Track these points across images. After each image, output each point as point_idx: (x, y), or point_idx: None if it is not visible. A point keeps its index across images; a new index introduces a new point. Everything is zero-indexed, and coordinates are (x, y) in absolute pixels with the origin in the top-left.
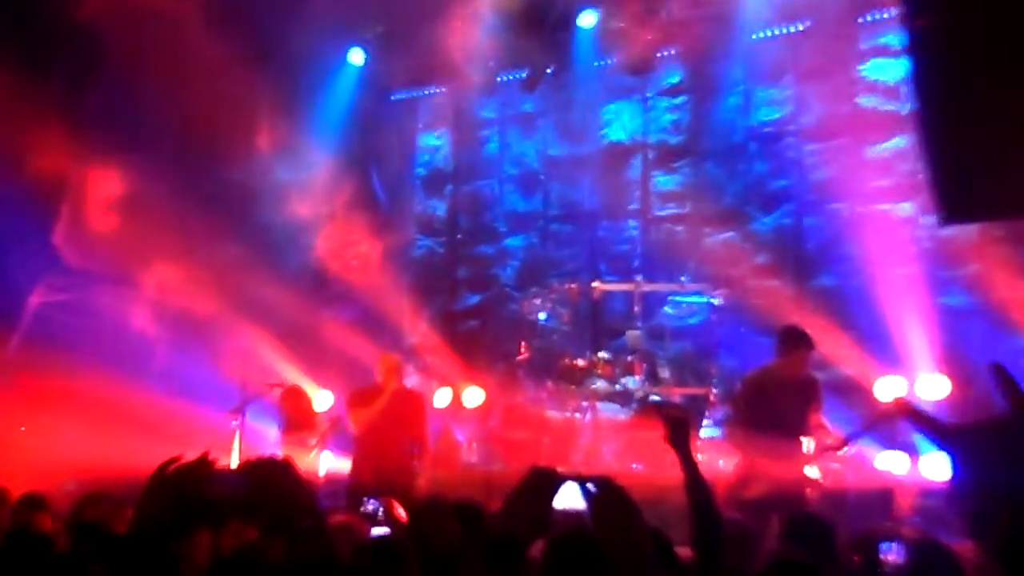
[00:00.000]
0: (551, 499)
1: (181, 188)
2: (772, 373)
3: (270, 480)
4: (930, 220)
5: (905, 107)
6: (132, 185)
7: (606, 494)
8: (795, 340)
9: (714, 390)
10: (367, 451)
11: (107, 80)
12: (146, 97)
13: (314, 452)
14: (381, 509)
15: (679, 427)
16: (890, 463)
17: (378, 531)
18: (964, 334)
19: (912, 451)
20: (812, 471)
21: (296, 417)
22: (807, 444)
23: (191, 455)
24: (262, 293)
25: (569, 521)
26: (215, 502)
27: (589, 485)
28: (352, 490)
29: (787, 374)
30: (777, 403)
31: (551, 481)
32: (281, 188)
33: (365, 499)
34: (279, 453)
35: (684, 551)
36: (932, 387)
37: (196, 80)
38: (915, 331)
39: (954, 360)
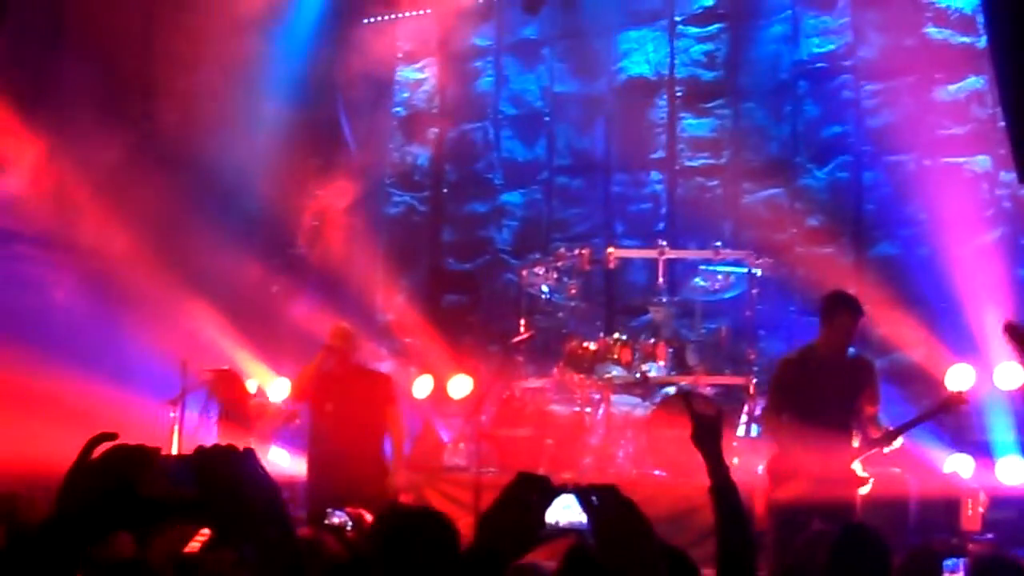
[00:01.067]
0: (541, 512)
1: (107, 132)
2: (815, 351)
3: (226, 474)
4: (1011, 176)
5: (981, 40)
6: (53, 131)
7: (611, 507)
8: (839, 307)
9: (754, 379)
10: (324, 447)
11: (21, 20)
12: (66, 28)
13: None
14: (350, 522)
15: (709, 424)
16: (958, 467)
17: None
18: None
19: (984, 452)
20: (860, 470)
21: (231, 406)
22: (855, 438)
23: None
24: (207, 260)
25: (566, 539)
26: (151, 498)
27: (591, 497)
28: (312, 496)
29: (832, 351)
30: (819, 387)
31: (541, 491)
32: (228, 133)
33: (329, 510)
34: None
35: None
36: (1013, 377)
37: (123, 5)
38: (993, 309)
39: None
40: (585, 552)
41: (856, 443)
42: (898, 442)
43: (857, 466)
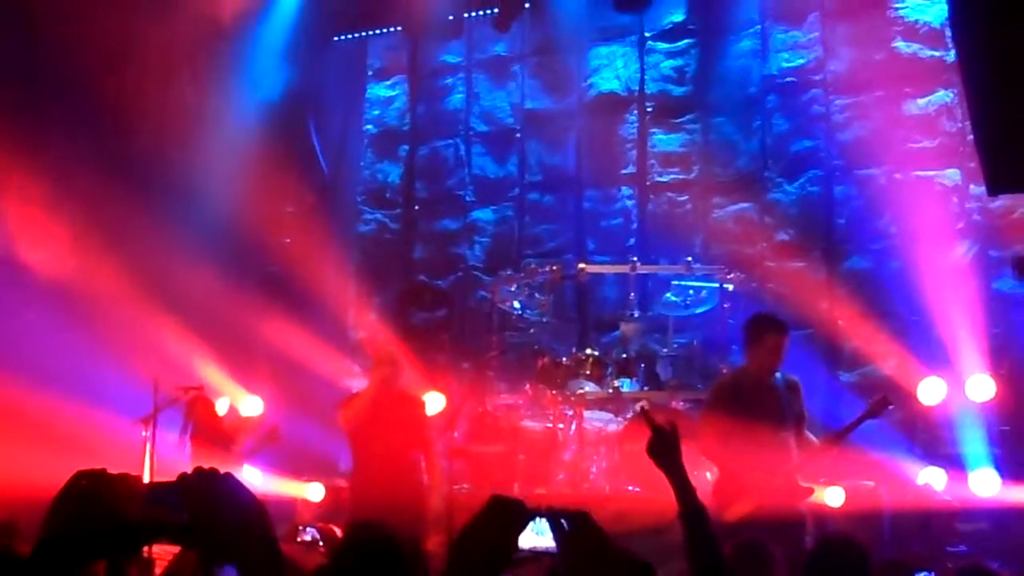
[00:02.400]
0: (515, 537)
1: (79, 150)
2: (746, 374)
3: (210, 497)
4: (980, 190)
5: (950, 54)
6: (18, 148)
7: (581, 533)
8: (762, 326)
9: None
10: (368, 470)
11: None
12: (35, 44)
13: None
14: (320, 537)
15: (665, 437)
16: (931, 479)
17: None
18: (1020, 325)
19: (957, 465)
20: (835, 491)
21: (204, 425)
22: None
23: (109, 468)
24: (178, 277)
25: (536, 563)
26: (136, 523)
27: (562, 521)
28: (356, 517)
29: (763, 372)
30: (756, 408)
31: (516, 515)
32: (199, 151)
33: (301, 527)
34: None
35: None
36: (984, 389)
37: (93, 23)
38: (964, 322)
39: (1007, 355)
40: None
41: (794, 457)
42: (840, 447)
43: (799, 479)
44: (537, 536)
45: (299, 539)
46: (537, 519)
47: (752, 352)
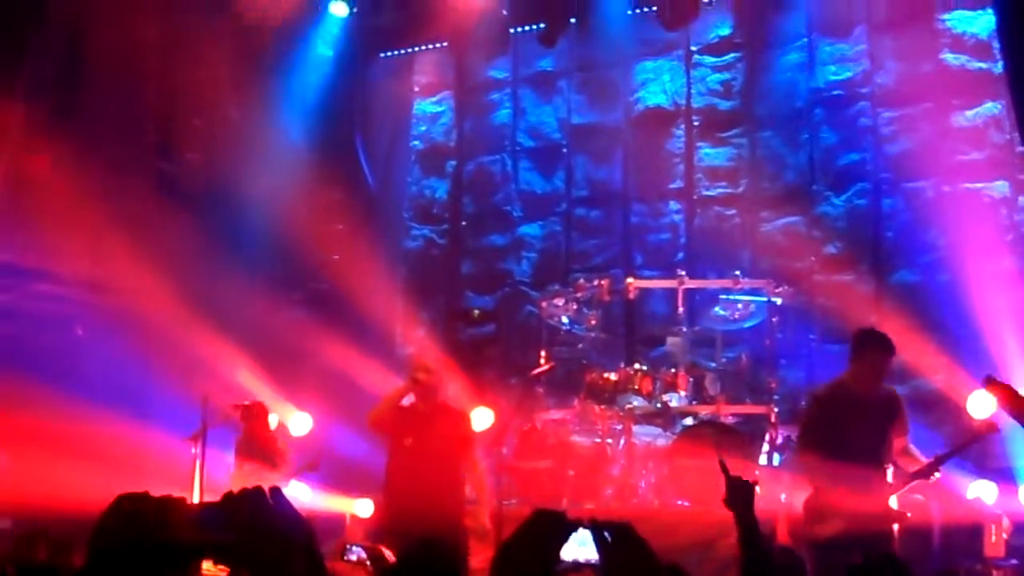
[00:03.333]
0: (557, 549)
1: (127, 168)
2: (844, 387)
3: (255, 516)
4: None
5: (998, 65)
6: (72, 167)
7: (623, 544)
8: (869, 344)
9: (775, 408)
10: (401, 482)
11: (41, 48)
12: (86, 64)
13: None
14: (367, 557)
15: (743, 489)
16: (982, 493)
17: None
18: None
19: (1007, 478)
20: (894, 504)
21: (256, 438)
22: (889, 473)
23: (151, 489)
24: (226, 294)
25: (578, 574)
26: (182, 544)
27: (604, 534)
28: (383, 528)
29: (862, 387)
30: (852, 424)
31: (558, 527)
32: (247, 169)
33: (348, 546)
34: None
35: None
36: None
37: (143, 38)
38: (1013, 334)
39: None
40: None
41: (890, 477)
42: (936, 475)
43: (893, 501)
44: (580, 548)
45: (345, 558)
46: (580, 531)
47: (854, 366)
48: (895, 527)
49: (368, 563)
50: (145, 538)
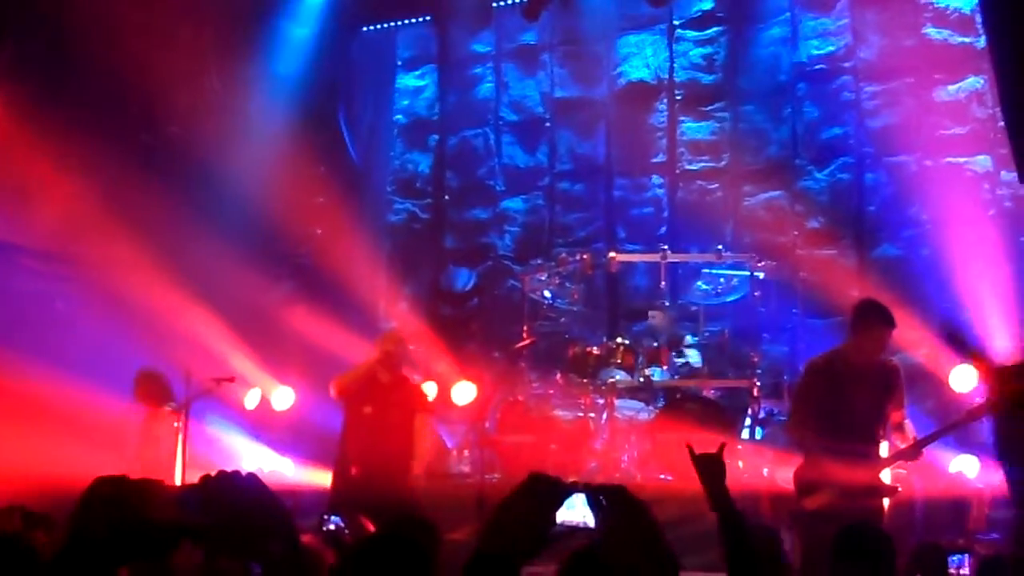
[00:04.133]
0: (552, 512)
1: (111, 144)
2: (843, 357)
3: (231, 499)
4: (1012, 176)
5: (981, 40)
6: (53, 141)
7: (620, 507)
8: (871, 316)
9: (757, 382)
10: (357, 449)
11: (23, 23)
12: (68, 40)
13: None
14: (346, 527)
15: (711, 464)
16: (964, 467)
17: None
18: None
19: (990, 454)
20: (887, 478)
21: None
22: (883, 446)
23: (110, 469)
24: (209, 268)
25: (574, 539)
26: (161, 527)
27: (600, 497)
28: (336, 494)
29: (861, 359)
30: (849, 395)
31: (553, 491)
32: (229, 143)
33: (326, 516)
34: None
35: None
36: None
37: (126, 13)
38: (995, 310)
39: None
40: (587, 556)
41: (884, 451)
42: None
43: (885, 476)
44: (569, 511)
45: (324, 528)
46: (573, 495)
47: (854, 336)
48: (885, 501)
49: (346, 532)
50: (124, 521)
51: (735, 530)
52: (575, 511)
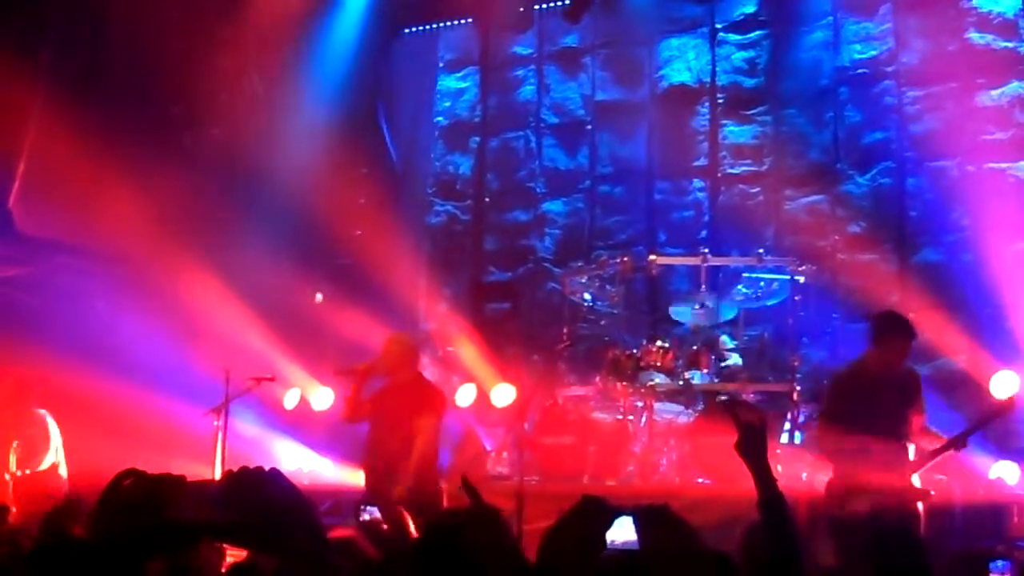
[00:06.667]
0: (603, 534)
1: (153, 144)
2: (865, 367)
3: (255, 495)
4: None
5: None
6: (95, 141)
7: (661, 527)
8: (891, 328)
9: (797, 386)
10: (371, 453)
11: (65, 21)
12: (110, 41)
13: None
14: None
15: (754, 433)
16: (1003, 473)
17: None
18: None
19: None
20: (917, 482)
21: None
22: (911, 451)
23: (151, 468)
24: (250, 268)
25: (619, 559)
26: (183, 524)
27: (646, 519)
28: (367, 491)
29: (883, 368)
30: (873, 403)
31: (603, 513)
32: (271, 144)
33: (362, 506)
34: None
35: None
36: None
37: (167, 13)
38: None
39: None
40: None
41: (911, 456)
42: (955, 453)
43: (916, 479)
44: (619, 531)
45: (360, 518)
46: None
47: (875, 349)
48: (920, 506)
49: (382, 523)
50: (146, 518)
51: (777, 508)
52: (625, 531)
